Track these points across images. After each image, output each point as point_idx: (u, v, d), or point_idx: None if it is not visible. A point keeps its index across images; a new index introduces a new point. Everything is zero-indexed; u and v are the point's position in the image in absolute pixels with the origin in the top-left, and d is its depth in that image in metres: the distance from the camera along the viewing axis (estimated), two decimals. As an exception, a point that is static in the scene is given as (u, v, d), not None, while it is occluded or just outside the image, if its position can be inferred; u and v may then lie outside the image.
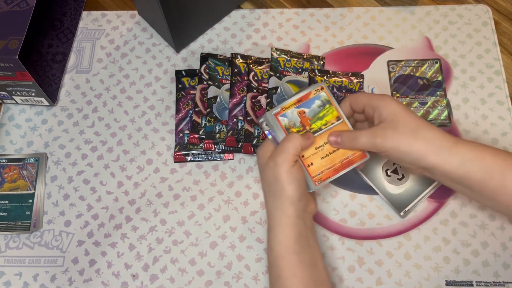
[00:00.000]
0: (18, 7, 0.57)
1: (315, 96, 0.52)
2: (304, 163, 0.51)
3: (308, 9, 0.69)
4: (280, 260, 0.46)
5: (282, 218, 0.47)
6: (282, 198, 0.46)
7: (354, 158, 0.51)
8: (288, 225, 0.46)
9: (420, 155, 0.45)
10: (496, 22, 0.67)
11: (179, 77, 0.64)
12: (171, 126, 0.62)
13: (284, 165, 0.46)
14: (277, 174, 0.46)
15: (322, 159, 0.51)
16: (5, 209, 0.59)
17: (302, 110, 0.52)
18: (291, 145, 0.47)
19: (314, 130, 0.51)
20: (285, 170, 0.46)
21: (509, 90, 0.62)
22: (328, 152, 0.51)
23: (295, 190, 0.46)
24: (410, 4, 0.69)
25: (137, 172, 0.60)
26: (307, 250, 0.46)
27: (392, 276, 0.54)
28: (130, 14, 0.70)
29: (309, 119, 0.52)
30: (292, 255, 0.46)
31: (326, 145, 0.51)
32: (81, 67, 0.67)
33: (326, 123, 0.52)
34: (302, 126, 0.52)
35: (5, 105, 0.65)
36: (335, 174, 0.51)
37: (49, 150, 0.62)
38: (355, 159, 0.51)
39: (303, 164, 0.51)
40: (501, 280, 0.53)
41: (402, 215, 0.56)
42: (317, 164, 0.51)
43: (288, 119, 0.52)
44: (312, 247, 0.47)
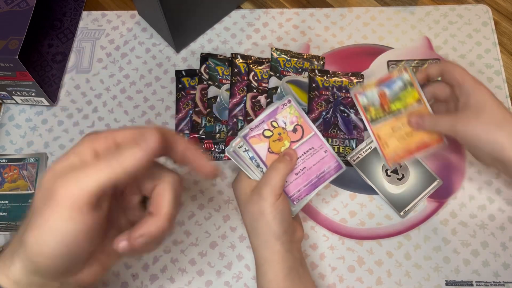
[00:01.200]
0: (18, 7, 0.57)
1: (398, 77, 0.52)
2: (379, 143, 0.52)
3: (308, 9, 0.69)
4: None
5: (269, 255, 0.45)
6: (267, 234, 0.44)
7: (431, 142, 0.51)
8: (277, 262, 0.45)
9: (501, 147, 0.44)
10: (496, 22, 0.67)
11: (179, 77, 0.64)
12: (171, 126, 0.62)
13: (270, 199, 0.44)
14: (262, 208, 0.44)
15: (398, 140, 0.52)
16: (5, 209, 0.59)
17: (383, 91, 0.52)
18: (278, 177, 0.45)
19: (393, 112, 0.52)
20: (271, 203, 0.44)
21: (509, 90, 0.62)
22: (405, 134, 0.52)
23: (280, 225, 0.44)
24: (410, 4, 0.69)
25: (137, 172, 0.60)
26: (298, 284, 0.45)
27: (392, 276, 0.54)
28: (130, 14, 0.70)
29: (389, 100, 0.52)
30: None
31: (403, 127, 0.51)
32: (81, 67, 0.67)
33: (406, 105, 0.51)
34: (381, 106, 0.52)
35: (5, 105, 0.65)
36: (410, 156, 0.52)
37: (49, 150, 0.62)
38: (432, 143, 0.51)
39: (378, 144, 0.52)
40: (501, 280, 0.53)
41: (402, 215, 0.56)
42: (392, 145, 0.52)
43: (367, 99, 0.52)
44: (303, 277, 0.46)
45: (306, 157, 0.48)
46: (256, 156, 0.47)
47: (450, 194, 0.57)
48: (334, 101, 0.60)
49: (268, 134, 0.47)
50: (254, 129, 0.47)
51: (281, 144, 0.47)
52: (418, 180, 0.57)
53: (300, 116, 0.48)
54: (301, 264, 0.47)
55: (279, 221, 0.44)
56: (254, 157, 0.47)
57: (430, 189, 0.57)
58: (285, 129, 0.48)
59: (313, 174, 0.48)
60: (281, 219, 0.44)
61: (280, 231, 0.44)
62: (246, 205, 0.46)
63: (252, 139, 0.47)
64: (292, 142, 0.48)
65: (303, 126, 0.48)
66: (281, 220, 0.44)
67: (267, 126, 0.47)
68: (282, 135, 0.48)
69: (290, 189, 0.48)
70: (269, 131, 0.48)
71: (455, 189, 0.57)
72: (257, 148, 0.47)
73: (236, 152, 0.47)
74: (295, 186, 0.48)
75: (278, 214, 0.44)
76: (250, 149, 0.47)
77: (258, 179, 0.47)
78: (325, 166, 0.49)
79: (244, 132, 0.47)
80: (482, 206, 0.56)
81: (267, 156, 0.47)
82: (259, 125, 0.47)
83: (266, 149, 0.47)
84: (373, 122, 0.53)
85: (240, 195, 0.47)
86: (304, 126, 0.48)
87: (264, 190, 0.44)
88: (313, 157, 0.48)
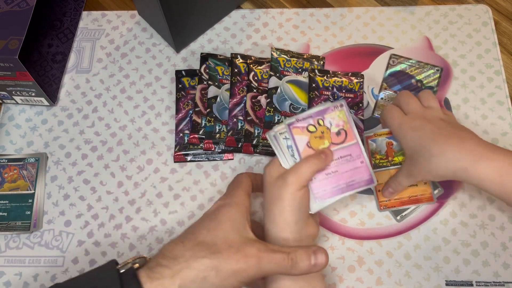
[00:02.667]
0: (18, 7, 0.57)
1: None
2: (376, 187, 0.56)
3: (308, 9, 0.69)
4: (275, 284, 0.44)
5: (276, 241, 0.45)
6: (280, 219, 0.45)
7: (422, 198, 0.55)
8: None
9: (444, 176, 0.47)
10: (496, 22, 0.67)
11: (179, 77, 0.64)
12: (171, 126, 0.62)
13: (293, 186, 0.44)
14: (282, 193, 0.44)
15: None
16: (5, 209, 0.59)
17: (391, 141, 0.56)
18: (307, 169, 0.46)
19: (395, 163, 0.56)
20: (291, 191, 0.44)
21: (509, 90, 0.62)
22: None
23: (293, 214, 0.44)
24: (410, 4, 0.69)
25: (137, 172, 0.60)
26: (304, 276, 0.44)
27: (392, 276, 0.54)
28: (130, 14, 0.70)
29: (394, 151, 0.56)
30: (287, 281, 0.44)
31: None
32: (81, 67, 0.67)
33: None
34: (386, 155, 0.56)
35: (5, 105, 0.65)
36: (400, 206, 0.56)
37: (49, 150, 0.62)
38: (422, 200, 0.55)
39: (374, 188, 0.56)
40: (501, 280, 0.53)
41: (398, 219, 0.56)
42: (381, 180, 0.55)
43: (376, 145, 0.56)
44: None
45: (341, 162, 0.48)
46: (294, 146, 0.47)
47: (450, 194, 0.57)
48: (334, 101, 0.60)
49: (312, 129, 0.48)
50: (300, 121, 0.48)
51: (321, 142, 0.48)
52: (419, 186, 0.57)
53: (347, 122, 0.49)
54: None
55: (294, 210, 0.44)
56: (292, 147, 0.47)
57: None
58: (329, 130, 0.48)
59: (343, 179, 0.48)
60: (297, 209, 0.44)
61: (291, 220, 0.44)
62: (268, 188, 0.46)
63: (295, 129, 0.47)
64: (332, 144, 0.48)
65: (347, 132, 0.49)
66: (296, 210, 0.44)
67: (313, 122, 0.48)
68: (325, 135, 0.48)
69: (316, 186, 0.47)
70: (313, 126, 0.48)
71: (455, 189, 0.57)
72: (297, 139, 0.47)
73: (276, 137, 0.48)
74: (322, 185, 0.48)
75: (295, 203, 0.44)
76: (290, 138, 0.47)
77: (288, 168, 0.47)
78: (357, 176, 0.48)
79: (290, 121, 0.48)
80: (482, 206, 0.56)
81: (304, 149, 0.47)
82: (306, 118, 0.48)
83: (305, 143, 0.47)
84: (375, 168, 0.56)
85: (267, 178, 0.47)
86: (349, 132, 0.49)
87: (290, 177, 0.45)
88: (348, 163, 0.48)
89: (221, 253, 0.40)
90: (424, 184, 0.56)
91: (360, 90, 0.62)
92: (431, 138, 0.47)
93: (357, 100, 0.61)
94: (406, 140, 0.49)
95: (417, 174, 0.49)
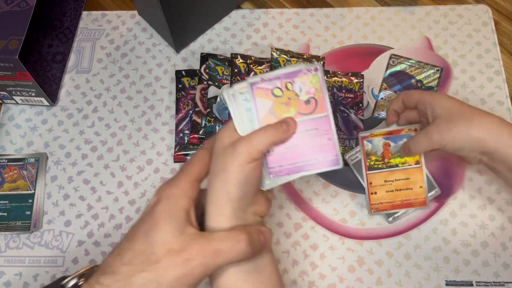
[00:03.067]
0: (18, 7, 0.57)
1: (406, 134, 0.54)
2: (369, 189, 0.55)
3: (308, 9, 0.69)
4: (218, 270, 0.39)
5: (217, 217, 0.39)
6: (221, 193, 0.39)
7: (414, 202, 0.54)
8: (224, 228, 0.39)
9: (479, 141, 0.45)
10: (496, 22, 0.67)
11: (179, 77, 0.64)
12: (171, 126, 0.62)
13: (242, 158, 0.38)
14: (228, 164, 0.38)
15: (386, 192, 0.55)
16: (5, 209, 0.58)
17: (388, 143, 0.54)
18: (263, 140, 0.39)
19: (391, 165, 0.54)
20: (240, 162, 0.38)
21: (509, 90, 0.62)
22: (395, 189, 0.55)
23: (238, 188, 0.39)
24: (410, 4, 0.69)
25: (137, 172, 0.60)
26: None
27: (392, 276, 0.54)
28: (130, 14, 0.70)
29: (391, 153, 0.54)
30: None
31: (395, 182, 0.54)
32: (81, 67, 0.67)
33: (404, 162, 0.54)
34: (382, 157, 0.54)
35: (5, 105, 0.65)
36: (392, 209, 0.55)
37: (49, 150, 0.62)
38: (415, 204, 0.54)
39: (367, 190, 0.55)
40: (501, 280, 0.53)
41: (390, 220, 0.56)
42: (380, 195, 0.55)
43: (372, 145, 0.55)
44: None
45: (306, 136, 0.41)
46: (254, 110, 0.41)
47: (450, 194, 0.57)
48: (334, 101, 0.60)
49: (277, 93, 0.41)
50: (265, 81, 0.41)
51: (286, 110, 0.41)
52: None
53: (320, 91, 0.42)
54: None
55: (239, 184, 0.39)
56: (251, 110, 0.41)
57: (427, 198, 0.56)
58: (298, 96, 0.41)
59: (304, 156, 0.41)
60: (243, 183, 0.39)
61: (235, 195, 0.39)
62: (216, 157, 0.40)
63: (258, 90, 0.41)
64: (298, 113, 0.41)
65: (318, 101, 0.42)
66: (242, 184, 0.39)
67: (280, 84, 0.41)
68: (291, 101, 0.41)
69: (273, 160, 0.41)
70: (280, 90, 0.41)
71: (455, 189, 0.57)
72: (259, 102, 0.41)
73: (235, 97, 0.41)
74: (279, 159, 0.41)
75: (242, 177, 0.38)
76: (251, 100, 0.41)
77: (243, 135, 0.40)
78: (321, 154, 0.42)
79: (253, 80, 0.41)
80: (482, 206, 0.56)
81: (265, 115, 0.41)
82: (272, 80, 0.41)
83: (268, 108, 0.41)
84: (369, 169, 0.55)
85: (217, 144, 0.41)
86: (320, 102, 0.42)
87: (241, 146, 0.38)
88: (313, 139, 0.42)
89: (159, 262, 0.35)
90: (420, 188, 0.54)
91: (360, 90, 0.62)
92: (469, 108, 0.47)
93: (357, 100, 0.61)
94: (443, 100, 0.49)
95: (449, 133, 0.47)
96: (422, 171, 0.54)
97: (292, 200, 0.58)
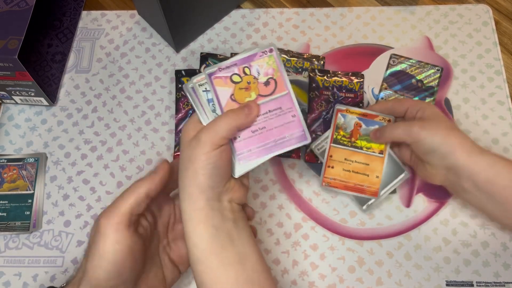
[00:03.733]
0: (18, 7, 0.57)
1: (378, 122, 0.54)
2: (327, 161, 0.53)
3: (308, 8, 0.69)
4: (199, 265, 0.39)
5: (192, 212, 0.39)
6: (192, 186, 0.39)
7: (367, 190, 0.54)
8: (200, 221, 0.39)
9: (452, 150, 0.46)
10: (496, 22, 0.67)
11: (179, 77, 0.64)
12: (171, 126, 0.62)
13: (207, 146, 0.38)
14: (195, 155, 0.39)
15: (343, 170, 0.54)
16: (4, 209, 0.58)
17: (360, 123, 0.54)
18: (224, 125, 0.39)
19: (356, 146, 0.54)
20: (205, 151, 0.38)
21: (509, 90, 0.62)
22: (352, 170, 0.54)
23: (208, 178, 0.39)
24: (410, 4, 0.69)
25: (137, 172, 0.60)
26: (229, 247, 0.40)
27: (392, 276, 0.54)
28: (130, 14, 0.70)
29: (359, 134, 0.54)
30: (211, 256, 0.39)
31: (354, 164, 0.54)
32: (80, 67, 0.67)
33: (369, 147, 0.54)
34: (350, 135, 0.54)
35: (5, 105, 0.65)
36: (344, 189, 0.54)
37: (49, 150, 0.62)
38: (367, 192, 0.54)
39: (325, 161, 0.53)
40: (501, 281, 0.53)
41: (364, 208, 0.55)
42: (336, 171, 0.54)
43: (344, 120, 0.54)
44: (236, 241, 0.40)
45: (270, 116, 0.42)
46: (216, 100, 0.41)
47: (450, 194, 0.57)
48: (334, 101, 0.60)
49: (236, 79, 0.42)
50: (223, 70, 0.42)
51: (247, 94, 0.42)
52: (384, 172, 0.55)
53: (278, 70, 0.42)
54: (236, 226, 0.41)
55: (209, 174, 0.39)
56: (213, 100, 0.41)
57: (396, 182, 0.55)
58: (257, 80, 0.42)
59: (271, 137, 0.42)
60: (212, 172, 0.39)
61: (205, 185, 0.39)
62: (182, 150, 0.41)
63: (217, 80, 0.41)
64: (259, 96, 0.42)
65: (277, 81, 0.42)
66: (211, 173, 0.39)
67: (238, 70, 0.42)
68: (251, 85, 0.42)
69: (241, 146, 0.42)
70: (238, 76, 0.42)
71: (455, 189, 0.57)
72: (219, 91, 0.41)
73: (195, 90, 0.42)
74: (247, 144, 0.42)
75: (210, 165, 0.39)
76: (212, 90, 0.41)
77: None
78: (288, 133, 0.42)
79: (210, 70, 0.41)
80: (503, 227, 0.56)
81: (227, 103, 0.41)
82: (230, 67, 0.42)
83: (228, 95, 0.41)
84: (334, 142, 0.55)
85: (183, 138, 0.41)
86: (279, 81, 0.42)
87: (204, 135, 0.39)
88: (277, 118, 0.42)
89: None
90: (376, 177, 0.54)
91: (360, 90, 0.62)
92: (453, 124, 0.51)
93: (357, 100, 0.61)
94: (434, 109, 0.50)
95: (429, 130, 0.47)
96: (383, 162, 0.54)
97: (292, 200, 0.58)
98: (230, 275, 0.39)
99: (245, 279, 0.39)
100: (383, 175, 0.54)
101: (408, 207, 0.56)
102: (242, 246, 0.40)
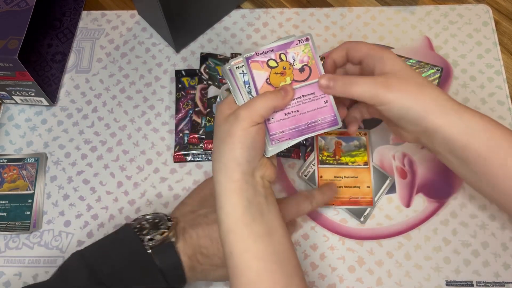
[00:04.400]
0: (18, 7, 0.57)
1: (358, 137, 0.57)
2: (319, 182, 0.56)
3: (308, 8, 0.69)
4: (230, 235, 0.41)
5: (227, 184, 0.41)
6: (229, 159, 0.41)
7: (362, 201, 0.56)
8: (235, 192, 0.41)
9: (425, 111, 0.41)
10: (496, 22, 0.67)
11: (179, 77, 0.64)
12: (171, 126, 0.62)
13: (245, 122, 0.40)
14: (233, 130, 0.40)
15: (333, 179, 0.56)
16: (4, 209, 0.58)
17: (340, 142, 0.57)
18: (262, 104, 0.41)
19: (342, 162, 0.57)
20: (243, 127, 0.40)
21: (509, 90, 0.62)
22: (344, 185, 0.56)
23: (245, 151, 0.40)
24: (410, 4, 0.69)
25: (137, 172, 0.60)
26: (259, 219, 0.41)
27: (392, 276, 0.54)
28: (130, 14, 0.70)
29: (342, 152, 0.57)
30: (242, 227, 0.41)
31: (344, 179, 0.56)
32: (80, 67, 0.67)
33: (354, 161, 0.57)
34: (333, 153, 0.56)
35: (5, 105, 0.65)
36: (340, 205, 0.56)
37: (49, 150, 0.62)
38: (362, 202, 0.56)
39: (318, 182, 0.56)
40: (501, 280, 0.53)
41: (362, 220, 0.56)
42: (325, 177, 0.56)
43: (325, 142, 0.57)
44: (266, 215, 0.42)
45: (304, 100, 0.44)
46: (252, 82, 0.43)
47: (450, 194, 0.57)
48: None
49: (272, 64, 0.44)
50: (260, 55, 0.43)
51: (282, 79, 0.44)
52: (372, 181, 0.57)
53: (313, 58, 0.44)
54: (267, 200, 0.42)
55: (246, 148, 0.40)
56: (249, 83, 0.43)
57: (383, 189, 0.57)
58: (292, 66, 0.44)
59: (304, 120, 0.44)
60: (249, 147, 0.40)
61: (242, 158, 0.40)
62: (218, 126, 0.42)
63: (254, 63, 0.43)
64: (294, 81, 0.44)
65: (312, 68, 0.44)
66: (248, 148, 0.40)
67: (274, 56, 0.44)
68: (287, 71, 0.44)
69: (274, 127, 0.43)
70: (274, 61, 0.44)
71: (455, 189, 0.57)
72: (255, 74, 0.43)
73: (232, 71, 0.43)
74: (280, 125, 0.44)
75: (247, 141, 0.40)
76: (248, 73, 0.43)
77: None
78: (320, 117, 0.44)
79: (248, 54, 0.43)
80: (482, 206, 0.56)
81: (263, 86, 0.43)
82: (267, 52, 0.44)
83: (264, 79, 0.43)
84: (321, 163, 0.57)
85: (217, 116, 0.43)
86: (313, 69, 0.44)
87: (242, 111, 0.40)
88: (310, 103, 0.44)
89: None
90: (367, 187, 0.56)
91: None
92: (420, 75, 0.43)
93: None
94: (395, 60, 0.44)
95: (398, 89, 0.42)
96: (370, 172, 0.56)
97: (292, 200, 0.58)
98: (259, 246, 0.40)
99: (272, 250, 0.41)
100: (372, 184, 0.56)
101: (408, 207, 0.57)
102: (271, 220, 0.42)
